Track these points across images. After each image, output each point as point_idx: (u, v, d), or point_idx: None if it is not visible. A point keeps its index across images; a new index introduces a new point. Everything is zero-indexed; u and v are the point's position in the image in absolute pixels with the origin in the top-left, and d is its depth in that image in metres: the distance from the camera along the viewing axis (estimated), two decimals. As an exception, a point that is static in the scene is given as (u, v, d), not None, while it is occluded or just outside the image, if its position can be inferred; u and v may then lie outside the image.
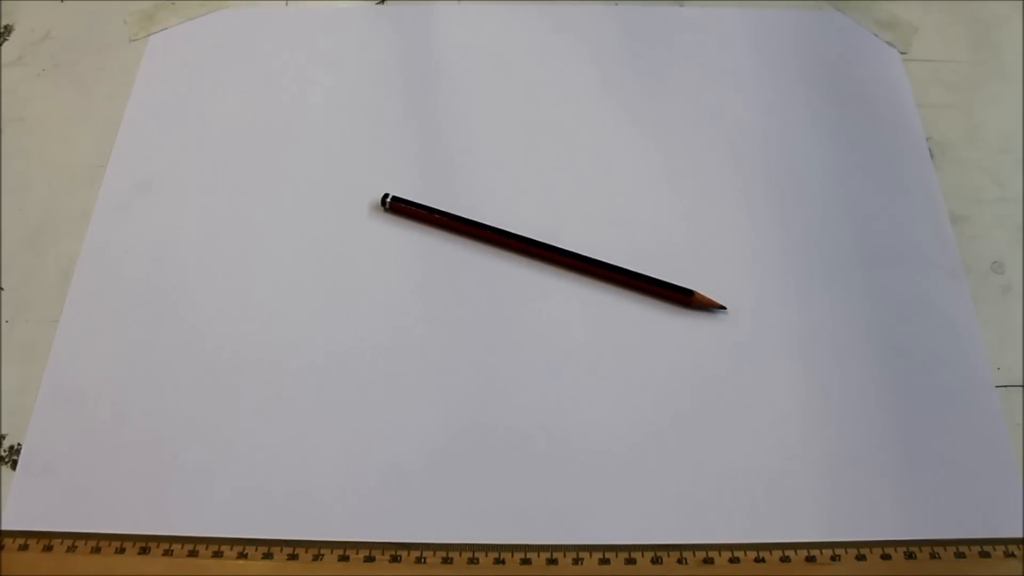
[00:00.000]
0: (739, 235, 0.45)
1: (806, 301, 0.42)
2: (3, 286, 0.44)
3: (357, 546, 0.36)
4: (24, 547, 0.37)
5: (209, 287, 0.43)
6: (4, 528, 0.37)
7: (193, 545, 0.36)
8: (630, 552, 0.36)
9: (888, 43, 0.52)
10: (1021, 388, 0.40)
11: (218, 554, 0.36)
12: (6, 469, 0.39)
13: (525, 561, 0.36)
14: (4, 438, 0.40)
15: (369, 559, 0.36)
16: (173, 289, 0.43)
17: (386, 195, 0.45)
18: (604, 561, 0.36)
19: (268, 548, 0.36)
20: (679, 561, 0.36)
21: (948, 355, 0.41)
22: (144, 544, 0.37)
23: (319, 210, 0.46)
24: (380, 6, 0.54)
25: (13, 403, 0.41)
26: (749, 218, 0.45)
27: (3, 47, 0.53)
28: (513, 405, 0.40)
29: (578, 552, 0.36)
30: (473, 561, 0.36)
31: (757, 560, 0.36)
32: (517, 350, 0.41)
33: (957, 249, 0.44)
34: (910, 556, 0.36)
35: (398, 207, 0.45)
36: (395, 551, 0.36)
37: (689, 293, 0.42)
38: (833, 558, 0.36)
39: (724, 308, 0.42)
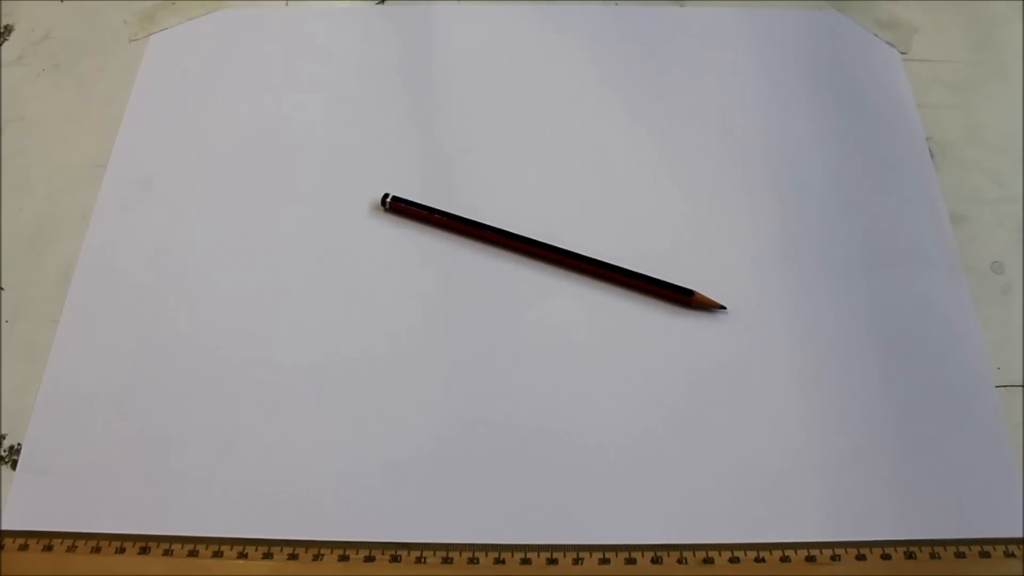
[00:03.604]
0: (739, 235, 0.45)
1: (806, 301, 0.42)
2: (3, 286, 0.44)
3: (357, 546, 0.36)
4: (24, 547, 0.37)
5: (209, 287, 0.43)
6: (4, 528, 0.37)
7: (193, 545, 0.37)
8: (630, 552, 0.36)
9: (888, 43, 0.52)
10: (1021, 388, 0.40)
11: (218, 554, 0.36)
12: (6, 469, 0.39)
13: (525, 561, 0.36)
14: (4, 438, 0.40)
15: (369, 559, 0.36)
16: (173, 289, 0.43)
17: (386, 195, 0.45)
18: (604, 561, 0.36)
19: (268, 548, 0.36)
20: (679, 561, 0.36)
21: (948, 355, 0.41)
22: (144, 544, 0.37)
23: (319, 210, 0.46)
24: (380, 6, 0.54)
25: (13, 403, 0.41)
26: (749, 218, 0.45)
27: (3, 47, 0.53)
28: (513, 405, 0.40)
29: (578, 552, 0.36)
30: (473, 561, 0.36)
31: (757, 560, 0.36)
32: (517, 350, 0.41)
33: (957, 249, 0.44)
34: (910, 556, 0.36)
35: (398, 207, 0.45)
36: (395, 551, 0.36)
37: (689, 293, 0.42)
38: (833, 558, 0.36)
39: (724, 308, 0.42)
